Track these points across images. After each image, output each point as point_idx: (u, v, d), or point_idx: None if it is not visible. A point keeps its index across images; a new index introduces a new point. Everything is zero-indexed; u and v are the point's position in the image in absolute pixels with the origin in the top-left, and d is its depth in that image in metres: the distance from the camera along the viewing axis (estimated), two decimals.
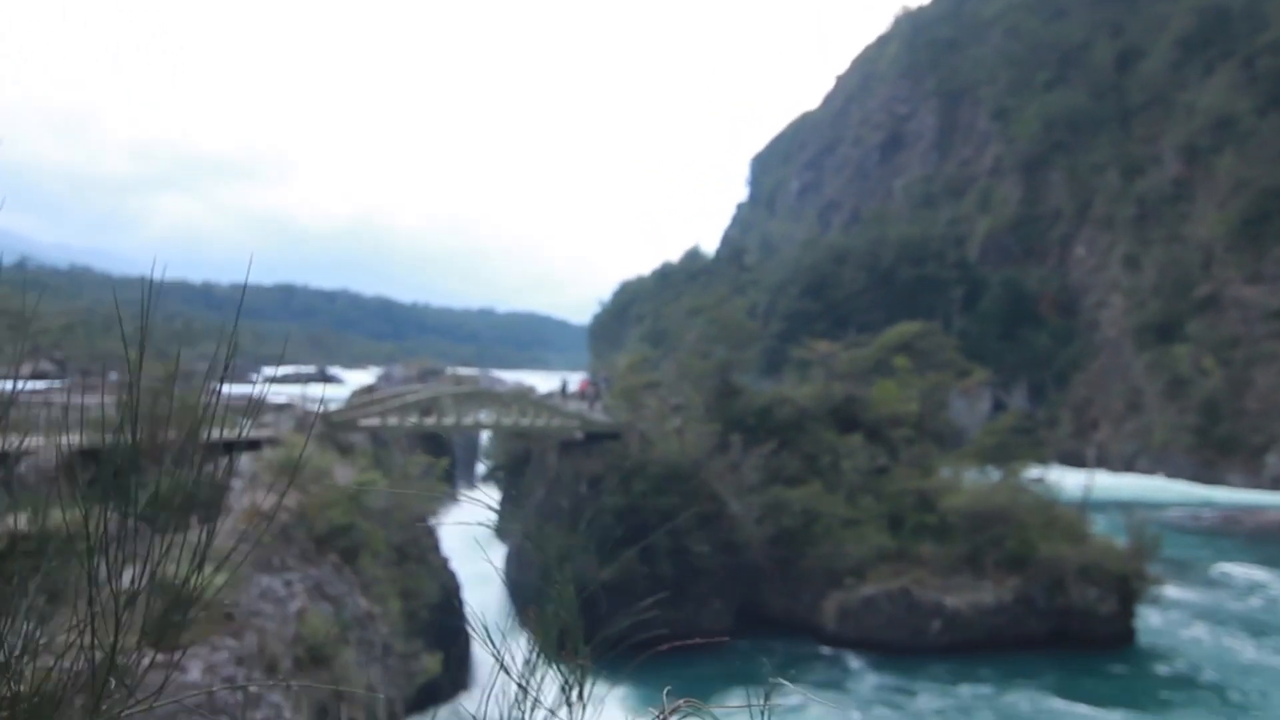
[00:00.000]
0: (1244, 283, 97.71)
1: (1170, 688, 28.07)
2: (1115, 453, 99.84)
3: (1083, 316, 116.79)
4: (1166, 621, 34.95)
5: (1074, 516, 35.28)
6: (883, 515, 33.33)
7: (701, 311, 44.64)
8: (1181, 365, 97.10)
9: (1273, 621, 36.18)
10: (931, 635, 30.13)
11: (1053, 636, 31.05)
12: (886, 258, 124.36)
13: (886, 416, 39.00)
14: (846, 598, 30.46)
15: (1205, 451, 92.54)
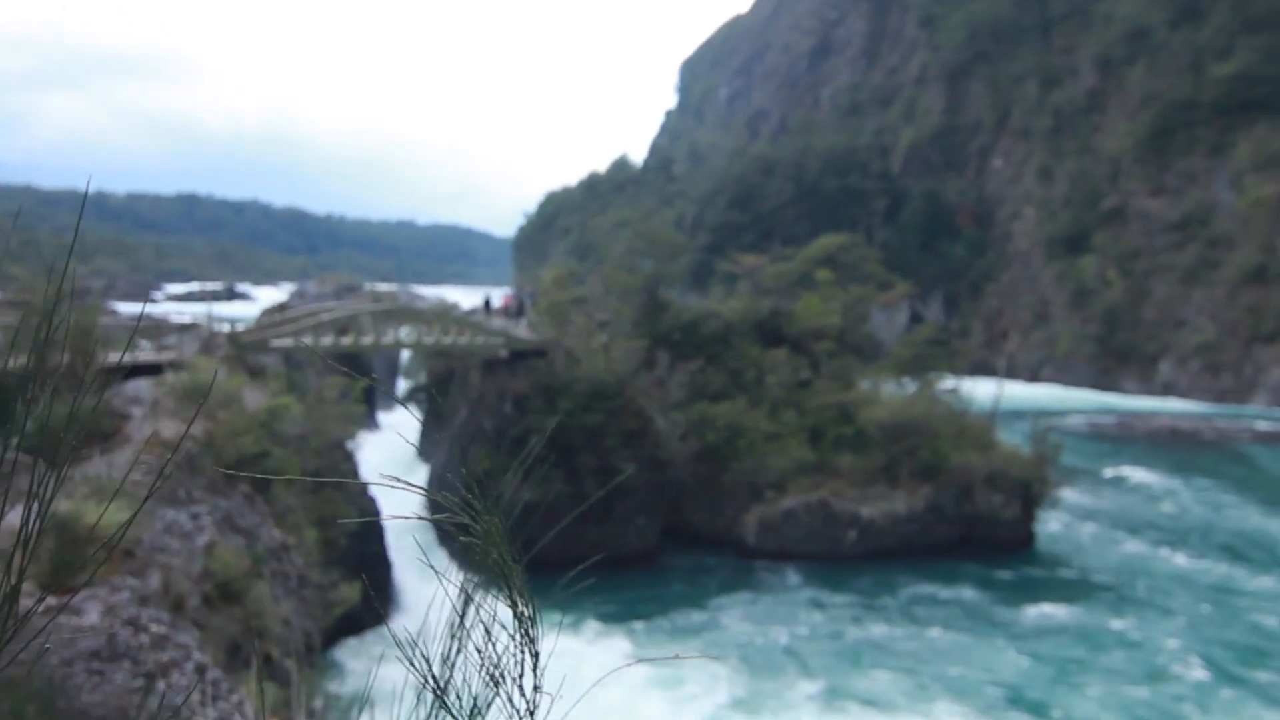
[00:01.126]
0: (1148, 195, 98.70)
1: (1067, 587, 28.48)
2: (1023, 362, 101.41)
3: (998, 228, 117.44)
4: (1065, 524, 35.48)
5: (983, 426, 35.43)
6: (804, 429, 33.07)
7: (629, 224, 43.64)
8: (1087, 276, 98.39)
9: (1160, 521, 36.93)
10: (848, 545, 30.15)
11: (960, 542, 31.32)
12: (812, 169, 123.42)
13: (810, 330, 38.58)
14: (767, 511, 30.26)
15: (1105, 360, 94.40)
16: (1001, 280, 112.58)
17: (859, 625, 24.51)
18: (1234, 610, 26.23)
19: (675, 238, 42.51)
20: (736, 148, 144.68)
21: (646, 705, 19.11)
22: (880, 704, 19.81)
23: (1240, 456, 53.76)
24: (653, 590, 27.03)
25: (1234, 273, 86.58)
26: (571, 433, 28.57)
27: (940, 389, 36.99)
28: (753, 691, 20.17)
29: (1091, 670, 21.90)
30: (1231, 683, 21.01)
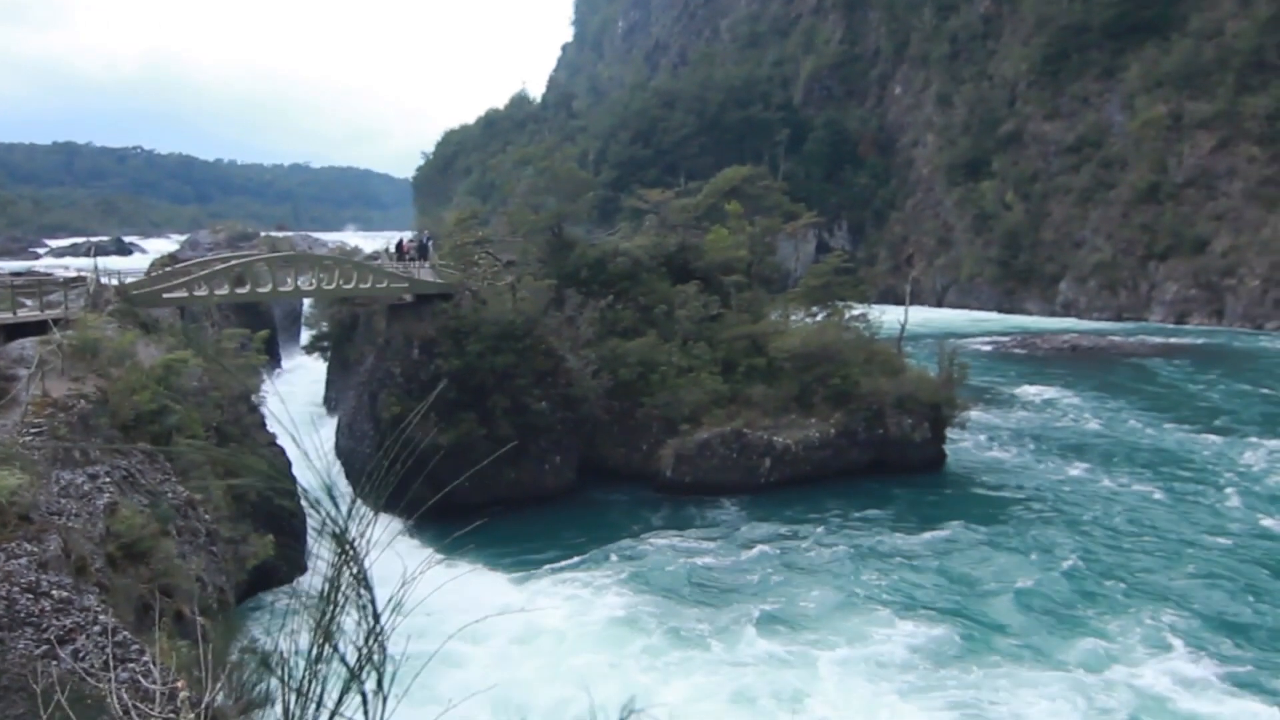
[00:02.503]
0: (1044, 119, 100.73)
1: (978, 502, 29.41)
2: (929, 287, 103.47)
3: (900, 155, 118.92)
4: (974, 443, 36.51)
5: (891, 351, 36.17)
6: (716, 361, 33.31)
7: (531, 162, 43.02)
8: (987, 200, 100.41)
9: (1065, 436, 38.27)
10: (763, 473, 30.60)
11: (873, 465, 32.01)
12: (714, 101, 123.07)
13: (718, 263, 38.72)
14: (682, 444, 30.50)
15: (1007, 282, 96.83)
16: (905, 207, 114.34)
17: (779, 549, 24.96)
18: (1134, 516, 27.37)
19: (579, 175, 42.11)
20: (637, 81, 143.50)
21: (567, 640, 19.27)
22: (805, 622, 20.25)
23: (1138, 370, 55.84)
24: (571, 527, 27.15)
25: (1128, 192, 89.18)
26: (482, 374, 28.36)
27: (849, 316, 37.57)
28: (680, 619, 20.41)
29: (1002, 577, 22.72)
30: (1130, 583, 21.98)
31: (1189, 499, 29.19)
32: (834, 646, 19.14)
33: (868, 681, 17.71)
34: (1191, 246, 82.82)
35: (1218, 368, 55.26)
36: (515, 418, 28.55)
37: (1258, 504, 28.27)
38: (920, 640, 19.42)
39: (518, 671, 17.65)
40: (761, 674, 17.99)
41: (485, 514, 26.42)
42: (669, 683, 17.59)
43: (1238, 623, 19.91)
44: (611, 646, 19.08)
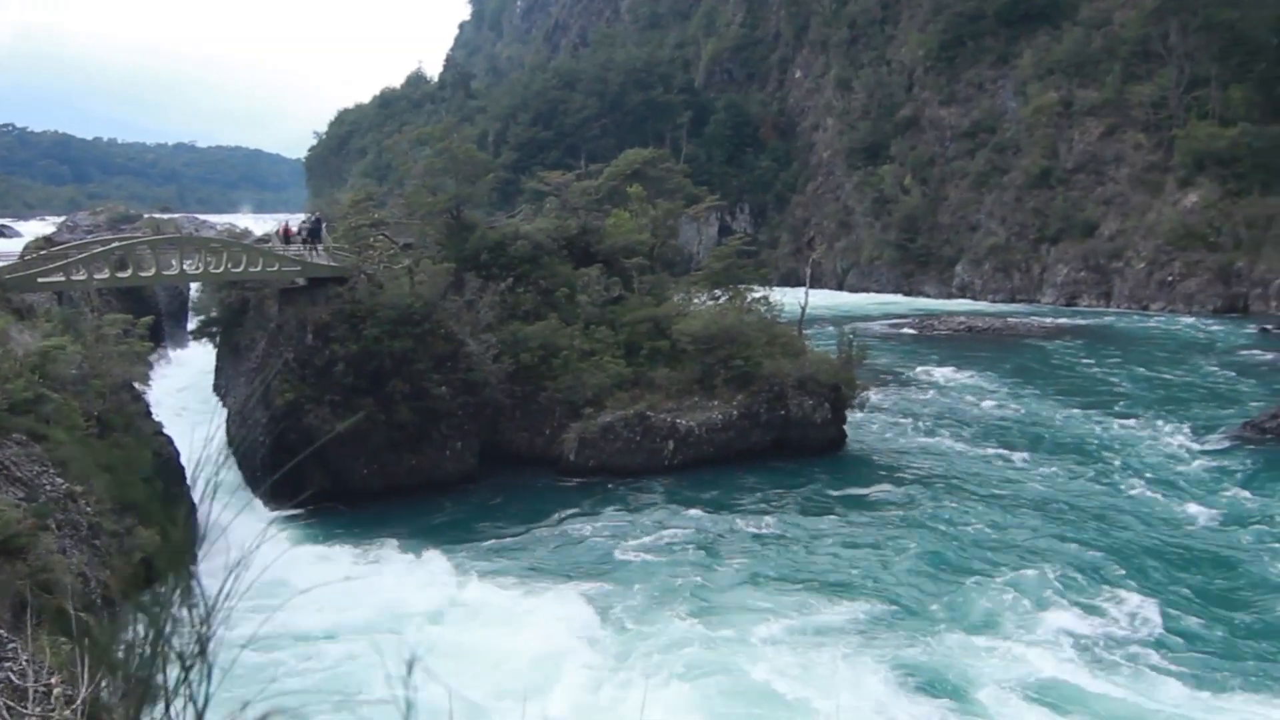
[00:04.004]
0: (940, 104, 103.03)
1: (877, 481, 30.04)
2: (830, 270, 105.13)
3: (800, 139, 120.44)
4: (873, 423, 37.29)
5: (792, 334, 36.73)
6: (619, 344, 33.39)
7: (428, 142, 42.33)
8: (886, 184, 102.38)
9: (961, 415, 39.32)
10: (666, 455, 30.82)
11: (775, 446, 32.44)
12: (615, 83, 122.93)
13: (621, 246, 38.79)
14: (586, 427, 30.53)
15: (906, 265, 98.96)
16: (807, 190, 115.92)
17: (685, 531, 25.17)
18: (1026, 490, 28.29)
19: (478, 156, 41.69)
20: (537, 62, 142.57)
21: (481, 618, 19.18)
22: (709, 601, 20.45)
23: (1032, 350, 57.64)
24: (474, 513, 26.99)
25: (1021, 177, 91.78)
26: (380, 359, 27.96)
27: (751, 299, 38.03)
28: (589, 600, 20.42)
29: (902, 553, 23.28)
30: (1025, 557, 22.70)
31: (1078, 474, 30.29)
32: (757, 622, 19.44)
33: (794, 652, 18.05)
34: (1081, 230, 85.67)
35: (1107, 347, 57.35)
36: (414, 403, 28.23)
37: (1144, 479, 29.45)
38: (839, 612, 19.88)
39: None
40: (680, 650, 18.14)
41: (384, 501, 26.16)
42: (588, 665, 17.58)
43: (1124, 584, 20.76)
44: (522, 633, 18.99)
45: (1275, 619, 19.24)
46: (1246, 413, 36.21)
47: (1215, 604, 20.06)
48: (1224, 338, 60.21)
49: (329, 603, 19.33)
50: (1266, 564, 22.11)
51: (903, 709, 15.95)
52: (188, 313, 45.96)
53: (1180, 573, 21.78)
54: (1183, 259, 77.75)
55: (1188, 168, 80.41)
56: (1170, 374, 47.83)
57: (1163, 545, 23.51)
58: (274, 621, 18.01)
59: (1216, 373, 47.78)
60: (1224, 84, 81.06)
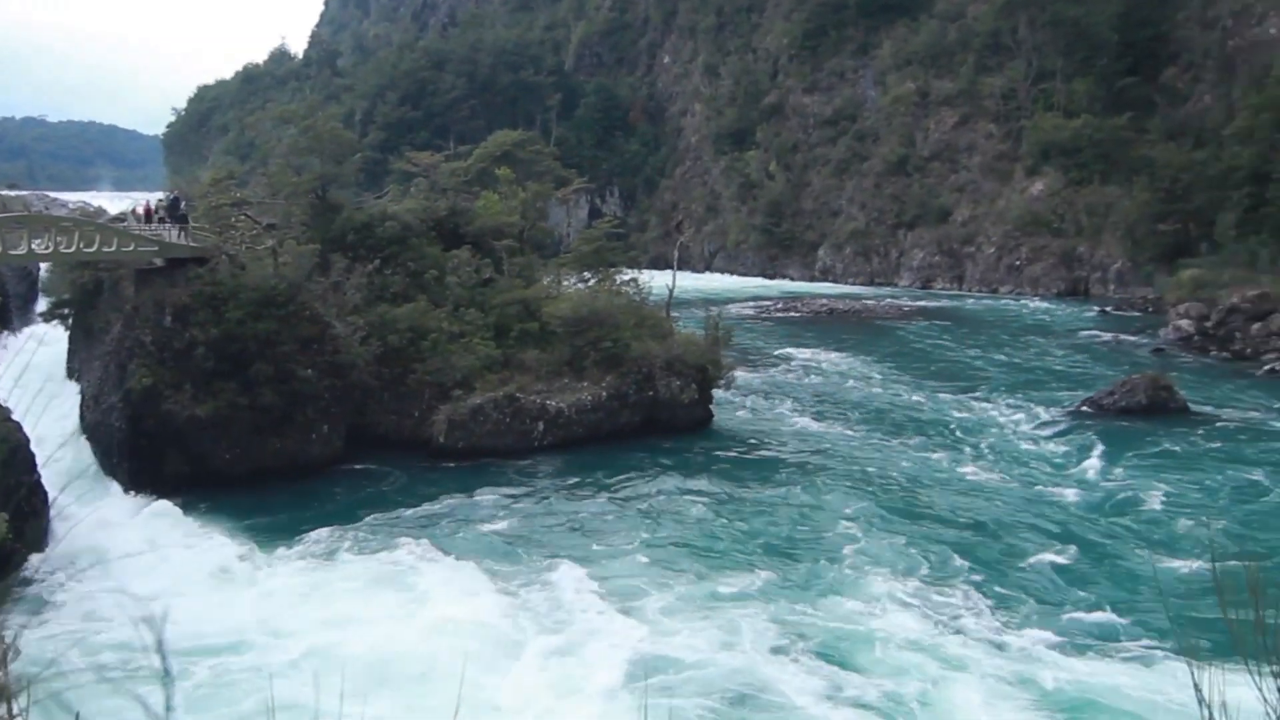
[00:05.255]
0: (804, 92, 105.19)
1: (743, 459, 30.73)
2: (697, 253, 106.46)
3: (669, 124, 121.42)
4: (739, 403, 38.09)
5: (660, 315, 37.21)
6: (488, 326, 33.26)
7: (292, 121, 41.19)
8: (752, 170, 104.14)
9: (823, 394, 40.48)
10: (537, 437, 30.91)
11: (644, 425, 32.85)
12: (485, 64, 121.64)
13: (490, 228, 38.57)
14: (455, 410, 30.35)
15: (770, 249, 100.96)
16: (675, 175, 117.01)
17: (553, 511, 25.33)
18: (886, 468, 29.34)
19: (344, 136, 40.81)
20: (405, 41, 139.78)
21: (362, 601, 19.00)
22: (587, 577, 20.63)
23: (889, 332, 59.62)
24: (340, 496, 26.62)
25: (880, 164, 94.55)
26: (243, 342, 27.25)
27: (620, 282, 38.34)
28: (454, 584, 20.39)
29: (769, 526, 23.96)
30: (884, 527, 23.59)
31: (933, 448, 31.54)
32: (640, 594, 19.83)
33: (684, 621, 18.44)
34: (936, 216, 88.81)
35: (960, 329, 59.73)
36: (279, 386, 27.62)
37: (993, 453, 30.87)
38: (721, 581, 20.38)
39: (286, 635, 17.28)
40: (571, 625, 18.34)
41: (248, 485, 25.59)
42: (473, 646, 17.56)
43: (974, 550, 21.80)
44: (395, 614, 18.88)
45: (1115, 577, 20.48)
46: (1088, 390, 38.11)
47: (1059, 565, 21.21)
48: (1067, 319, 63.34)
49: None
50: (1105, 529, 23.49)
51: (796, 670, 16.56)
52: (37, 294, 43.88)
53: (1025, 537, 22.96)
54: (1029, 244, 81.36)
55: (1035, 157, 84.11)
56: (1018, 354, 50.13)
57: (1010, 514, 24.72)
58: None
59: (1060, 352, 50.27)
60: (1069, 77, 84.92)
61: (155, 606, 17.62)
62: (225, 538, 22.93)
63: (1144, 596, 19.32)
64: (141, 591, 18.19)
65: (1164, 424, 33.31)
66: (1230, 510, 24.68)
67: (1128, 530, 23.38)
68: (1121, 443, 31.04)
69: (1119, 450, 30.13)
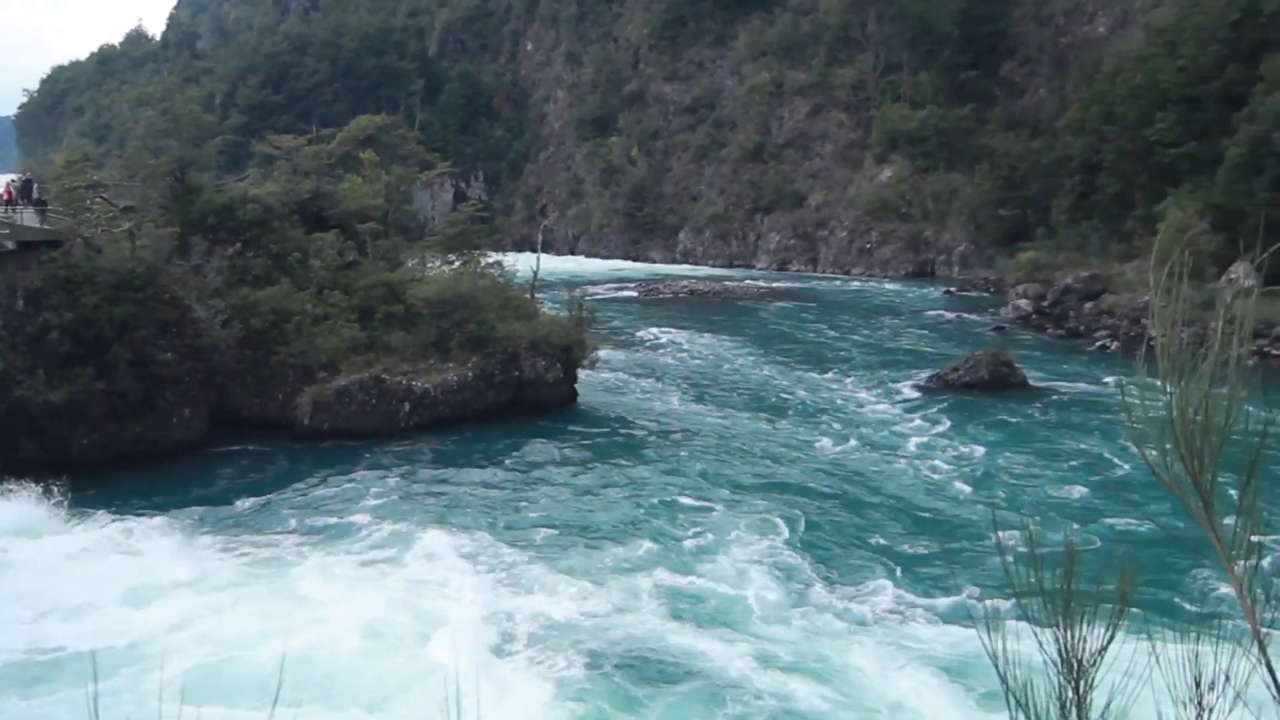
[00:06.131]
0: (664, 80, 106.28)
1: (607, 436, 31.23)
2: (562, 236, 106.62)
3: (533, 110, 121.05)
4: (603, 382, 38.59)
5: (525, 297, 37.43)
6: (353, 309, 32.89)
7: (150, 103, 39.77)
8: (614, 155, 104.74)
9: (686, 372, 41.35)
10: (403, 417, 30.77)
11: (510, 405, 33.02)
12: (348, 48, 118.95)
13: (354, 211, 38.04)
14: (320, 392, 29.97)
15: (633, 232, 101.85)
16: (539, 160, 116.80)
17: (424, 490, 25.29)
18: (744, 443, 30.22)
19: (203, 118, 39.57)
20: (266, 24, 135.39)
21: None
22: (459, 556, 20.74)
23: (748, 312, 61.02)
24: (204, 480, 26.05)
25: (737, 151, 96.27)
26: (100, 326, 26.36)
27: (485, 264, 38.33)
28: (318, 568, 20.23)
29: (638, 503, 24.46)
30: (748, 503, 24.36)
31: (789, 423, 32.63)
32: (520, 566, 20.14)
33: (577, 589, 18.86)
34: (791, 201, 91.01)
35: (814, 309, 61.55)
36: (138, 370, 26.82)
37: (846, 426, 32.11)
38: (595, 552, 20.87)
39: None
40: (454, 600, 18.45)
41: (108, 471, 24.85)
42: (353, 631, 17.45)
43: (826, 523, 22.77)
44: (255, 601, 18.64)
45: (956, 539, 21.69)
46: (935, 366, 39.77)
47: (906, 532, 22.35)
48: (915, 300, 65.85)
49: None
50: (951, 496, 24.81)
51: (692, 631, 17.20)
52: None
53: (877, 506, 24.11)
54: (879, 228, 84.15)
55: (883, 145, 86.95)
56: (870, 333, 52.00)
57: (863, 484, 25.82)
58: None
59: (909, 331, 52.38)
60: (915, 70, 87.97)
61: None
62: (81, 524, 22.25)
63: (985, 562, 20.40)
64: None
65: (1005, 397, 35.13)
66: (1062, 476, 26.21)
67: (971, 498, 24.75)
68: (966, 415, 32.67)
69: (963, 423, 31.72)
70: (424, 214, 72.62)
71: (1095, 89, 61.00)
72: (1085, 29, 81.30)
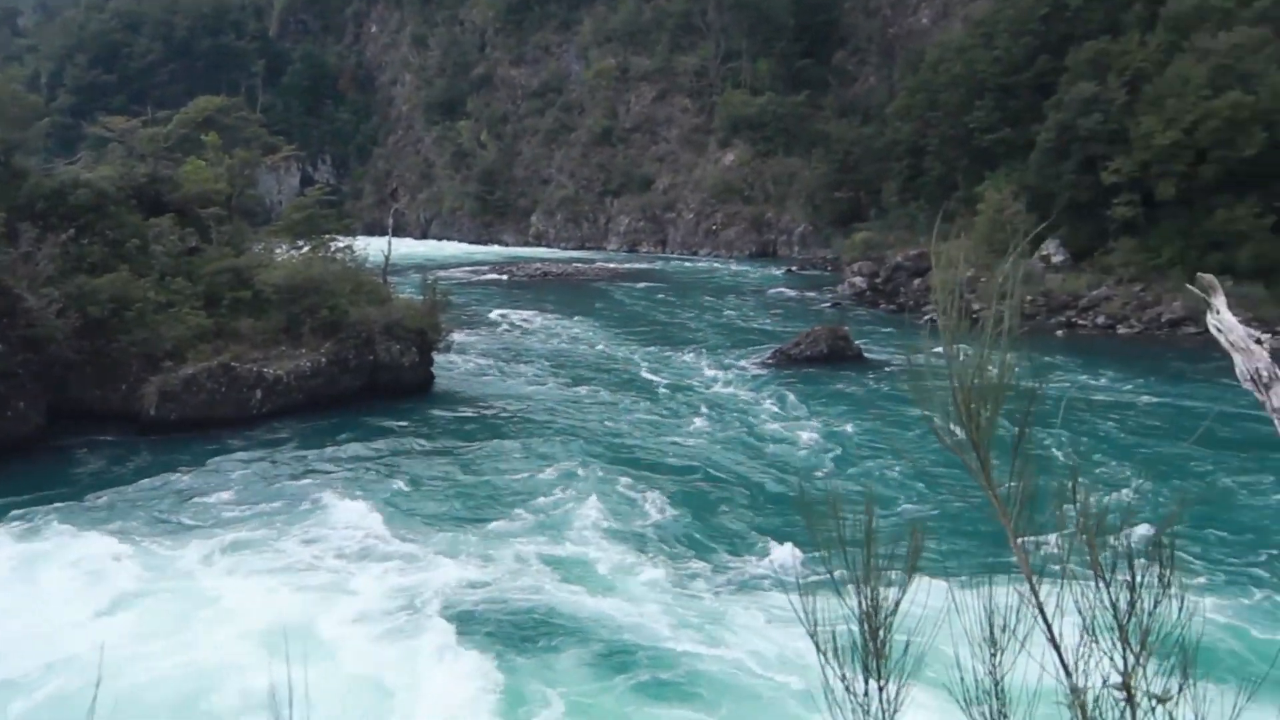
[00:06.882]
0: (511, 64, 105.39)
1: (466, 418, 31.05)
2: (413, 220, 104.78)
3: (380, 93, 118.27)
4: (459, 365, 38.28)
5: (377, 281, 36.73)
6: (198, 296, 31.59)
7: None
8: (464, 139, 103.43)
9: (537, 353, 41.37)
10: (255, 405, 29.82)
11: (365, 390, 32.42)
12: (183, 27, 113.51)
13: (195, 196, 36.44)
14: (166, 381, 28.70)
15: (485, 216, 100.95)
16: (388, 143, 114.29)
17: (282, 476, 24.59)
18: (599, 422, 30.49)
19: (27, 99, 37.31)
20: (93, 1, 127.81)
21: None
22: (330, 539, 20.31)
23: (600, 293, 61.33)
24: (44, 476, 24.67)
25: (586, 135, 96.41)
26: None
27: (335, 249, 37.42)
28: (162, 567, 19.46)
29: (498, 480, 24.42)
30: (602, 478, 24.56)
31: (641, 400, 33.03)
32: (390, 545, 19.89)
33: (455, 561, 18.86)
34: (639, 184, 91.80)
35: (664, 290, 62.35)
36: None
37: (695, 403, 32.71)
38: (459, 532, 20.66)
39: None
40: (337, 583, 18.07)
41: None
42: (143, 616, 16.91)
43: (677, 496, 23.18)
44: (102, 596, 17.86)
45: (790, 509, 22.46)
46: (779, 342, 40.83)
47: (750, 501, 22.98)
48: (759, 279, 67.47)
49: None
50: (795, 465, 25.64)
51: (557, 590, 17.60)
52: None
53: (723, 478, 24.68)
54: (724, 210, 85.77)
55: (725, 130, 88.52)
56: (717, 312, 53.04)
57: (710, 458, 26.35)
58: None
59: (753, 309, 53.66)
60: (754, 57, 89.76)
61: None
62: None
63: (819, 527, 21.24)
64: None
65: (842, 369, 36.41)
66: (894, 443, 27.42)
67: (813, 467, 25.65)
68: (807, 389, 33.73)
69: (803, 396, 32.72)
70: (270, 198, 70.27)
71: (920, 78, 63.53)
72: (910, 20, 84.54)
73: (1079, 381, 33.94)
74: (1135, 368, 35.62)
